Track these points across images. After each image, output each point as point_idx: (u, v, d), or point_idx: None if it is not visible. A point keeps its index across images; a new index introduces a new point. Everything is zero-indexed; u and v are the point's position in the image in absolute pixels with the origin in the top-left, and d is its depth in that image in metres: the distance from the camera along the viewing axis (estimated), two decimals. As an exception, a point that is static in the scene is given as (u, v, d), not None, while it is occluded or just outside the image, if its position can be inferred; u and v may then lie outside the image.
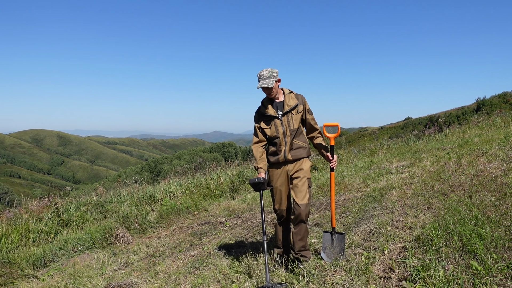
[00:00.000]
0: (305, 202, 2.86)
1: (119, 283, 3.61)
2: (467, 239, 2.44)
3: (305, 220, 2.91)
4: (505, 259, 2.15)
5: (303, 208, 2.85)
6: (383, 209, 3.93)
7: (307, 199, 2.87)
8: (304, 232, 2.96)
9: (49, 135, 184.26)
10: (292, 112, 2.98)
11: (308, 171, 2.97)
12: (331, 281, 2.48)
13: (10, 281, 4.66)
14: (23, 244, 6.22)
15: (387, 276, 2.36)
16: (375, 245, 2.85)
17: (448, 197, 3.71)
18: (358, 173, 7.04)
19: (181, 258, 4.15)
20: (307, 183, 2.92)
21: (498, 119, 10.57)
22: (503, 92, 54.52)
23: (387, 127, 69.37)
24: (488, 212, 2.94)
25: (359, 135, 64.11)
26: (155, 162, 78.32)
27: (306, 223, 2.95)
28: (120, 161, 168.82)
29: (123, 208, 7.15)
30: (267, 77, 2.90)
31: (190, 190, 8.24)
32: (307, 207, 2.87)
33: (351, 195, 5.28)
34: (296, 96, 3.03)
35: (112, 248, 5.42)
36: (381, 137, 27.92)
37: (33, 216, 7.10)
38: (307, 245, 3.03)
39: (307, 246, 3.02)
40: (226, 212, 6.23)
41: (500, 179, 3.86)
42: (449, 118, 40.75)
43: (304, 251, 3.01)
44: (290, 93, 3.05)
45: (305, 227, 2.95)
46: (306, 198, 2.87)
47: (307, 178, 2.94)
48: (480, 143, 6.75)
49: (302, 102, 3.01)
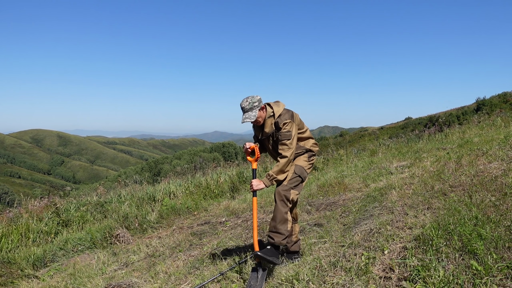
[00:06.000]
0: (285, 182, 2.91)
1: (119, 283, 3.61)
2: (467, 239, 2.44)
3: (278, 199, 2.88)
4: (505, 259, 2.15)
5: (280, 188, 2.90)
6: (383, 209, 3.92)
7: (287, 180, 2.91)
8: (276, 212, 2.89)
9: (49, 135, 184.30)
10: (268, 138, 3.07)
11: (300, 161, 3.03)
12: (331, 281, 2.48)
13: (10, 281, 4.66)
14: (23, 244, 6.23)
15: (387, 276, 2.36)
16: (375, 245, 2.85)
17: (448, 197, 3.71)
18: (358, 173, 7.03)
19: (181, 258, 4.15)
20: (293, 168, 2.97)
21: (498, 119, 10.57)
22: (503, 92, 54.56)
23: (387, 127, 69.42)
24: (488, 212, 2.94)
25: (359, 135, 64.15)
26: (155, 162, 78.32)
27: (282, 204, 2.88)
28: (120, 161, 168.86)
29: (123, 208, 7.15)
30: (248, 109, 2.90)
31: (190, 190, 8.24)
32: (283, 187, 2.89)
33: (351, 195, 5.28)
34: (275, 123, 2.95)
35: (112, 248, 5.42)
36: (381, 137, 27.93)
37: (33, 216, 7.10)
38: (278, 228, 2.87)
39: (277, 228, 2.88)
40: (226, 212, 6.23)
41: (500, 179, 3.86)
42: (449, 118, 40.76)
43: (272, 232, 2.90)
44: (270, 117, 2.97)
45: (278, 208, 2.88)
46: (286, 179, 2.92)
47: (295, 165, 2.99)
48: (480, 143, 6.75)
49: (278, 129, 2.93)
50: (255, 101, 2.90)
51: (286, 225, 2.88)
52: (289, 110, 3.02)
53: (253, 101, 2.90)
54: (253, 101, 2.90)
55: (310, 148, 3.09)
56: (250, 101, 2.90)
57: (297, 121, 2.99)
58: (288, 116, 2.92)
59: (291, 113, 2.96)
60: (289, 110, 3.01)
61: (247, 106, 2.89)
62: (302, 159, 3.05)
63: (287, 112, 2.97)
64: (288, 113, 2.96)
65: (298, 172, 2.96)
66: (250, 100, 2.90)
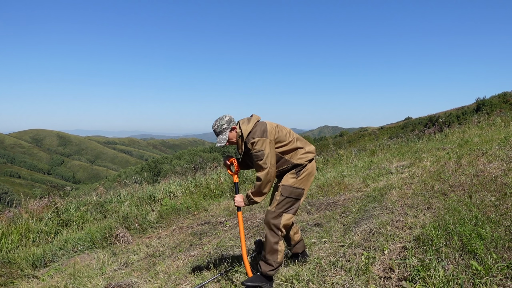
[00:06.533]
0: (271, 208, 2.72)
1: (119, 283, 3.61)
2: (467, 239, 2.44)
3: (267, 228, 2.69)
4: (505, 259, 2.15)
5: (268, 215, 2.71)
6: (383, 209, 3.92)
7: (274, 205, 2.70)
8: (266, 243, 2.69)
9: (49, 135, 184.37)
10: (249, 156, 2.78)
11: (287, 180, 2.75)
12: (331, 281, 2.48)
13: (10, 281, 4.66)
14: (23, 244, 6.22)
15: (387, 276, 2.36)
16: (375, 245, 2.85)
17: (448, 197, 3.71)
18: (358, 173, 7.03)
19: (181, 258, 4.15)
20: (280, 190, 2.73)
21: (498, 119, 10.57)
22: (503, 92, 54.61)
23: (387, 127, 69.46)
24: (488, 212, 2.94)
25: (359, 135, 64.18)
26: (155, 162, 78.34)
27: (271, 233, 2.67)
28: (120, 161, 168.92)
29: (123, 208, 7.15)
30: (218, 132, 2.74)
31: (190, 190, 8.24)
32: (271, 214, 2.68)
33: (351, 195, 5.28)
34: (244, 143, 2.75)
35: (112, 248, 5.42)
36: (381, 137, 27.92)
37: (33, 216, 7.10)
38: (267, 258, 2.68)
39: (266, 259, 2.68)
40: (226, 212, 6.23)
41: (500, 179, 3.86)
42: (449, 118, 40.76)
43: (261, 261, 2.72)
44: (240, 137, 2.77)
45: (267, 238, 2.68)
46: (273, 204, 2.72)
47: (282, 185, 2.74)
48: (480, 143, 6.75)
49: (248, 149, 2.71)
50: (223, 123, 2.73)
51: (276, 256, 2.67)
52: (263, 124, 2.73)
53: (221, 124, 2.73)
54: (221, 124, 2.73)
55: (297, 163, 2.75)
56: (218, 124, 2.74)
57: (272, 135, 2.68)
58: (259, 133, 2.64)
59: (263, 128, 2.67)
60: (262, 125, 2.72)
61: (217, 129, 2.74)
62: (289, 177, 2.74)
63: (259, 127, 2.69)
64: (260, 128, 2.68)
65: (286, 193, 2.69)
66: (218, 124, 2.74)
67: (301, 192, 2.75)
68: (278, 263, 2.70)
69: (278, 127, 2.78)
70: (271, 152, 2.63)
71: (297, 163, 2.75)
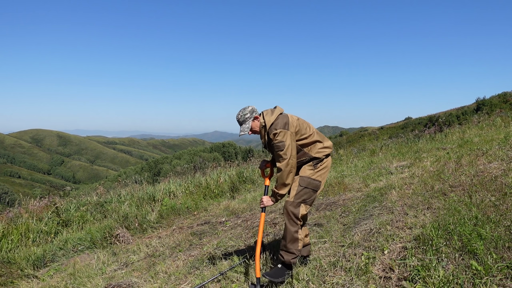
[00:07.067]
0: (289, 199, 2.79)
1: (119, 283, 3.61)
2: (467, 239, 2.44)
3: (286, 217, 2.77)
4: (505, 259, 2.15)
5: (287, 204, 2.77)
6: (383, 209, 3.92)
7: (292, 195, 2.77)
8: (286, 232, 2.77)
9: (49, 135, 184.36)
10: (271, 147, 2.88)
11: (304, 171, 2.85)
12: (331, 281, 2.48)
13: (10, 281, 4.66)
14: (23, 244, 6.23)
15: (387, 276, 2.36)
16: (375, 245, 2.85)
17: (448, 197, 3.71)
18: (358, 173, 7.03)
19: (181, 258, 4.15)
20: (297, 181, 2.82)
21: (498, 119, 10.58)
22: (503, 92, 54.64)
23: (387, 127, 69.49)
24: (488, 212, 2.94)
25: (359, 135, 64.14)
26: (155, 162, 78.36)
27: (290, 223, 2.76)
28: (120, 161, 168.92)
29: (123, 208, 7.15)
30: (242, 122, 2.87)
31: (190, 190, 8.24)
32: (291, 203, 2.75)
33: (351, 195, 5.27)
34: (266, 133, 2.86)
35: (112, 248, 5.42)
36: (381, 137, 27.94)
37: (33, 216, 7.10)
38: (288, 247, 2.76)
39: (287, 248, 2.77)
40: (226, 212, 6.23)
41: (500, 179, 3.86)
42: (449, 118, 40.78)
43: (282, 251, 2.80)
44: (263, 127, 2.89)
45: (287, 227, 2.77)
46: (292, 194, 2.79)
47: (300, 177, 2.83)
48: (480, 143, 6.75)
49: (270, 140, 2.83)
50: (247, 112, 2.86)
51: (297, 244, 2.76)
52: (285, 117, 2.84)
53: (245, 113, 2.86)
54: (244, 113, 2.86)
55: (315, 156, 2.85)
56: (242, 114, 2.87)
57: (293, 127, 2.79)
58: (281, 125, 2.75)
59: (285, 121, 2.79)
60: (284, 117, 2.83)
61: (240, 119, 2.87)
62: (307, 169, 2.85)
63: (281, 120, 2.80)
64: (282, 121, 2.79)
65: (303, 184, 2.78)
66: (241, 113, 2.88)
67: (318, 184, 2.84)
68: (299, 251, 2.79)
69: (299, 121, 2.89)
70: (292, 144, 2.74)
71: (315, 156, 2.87)
